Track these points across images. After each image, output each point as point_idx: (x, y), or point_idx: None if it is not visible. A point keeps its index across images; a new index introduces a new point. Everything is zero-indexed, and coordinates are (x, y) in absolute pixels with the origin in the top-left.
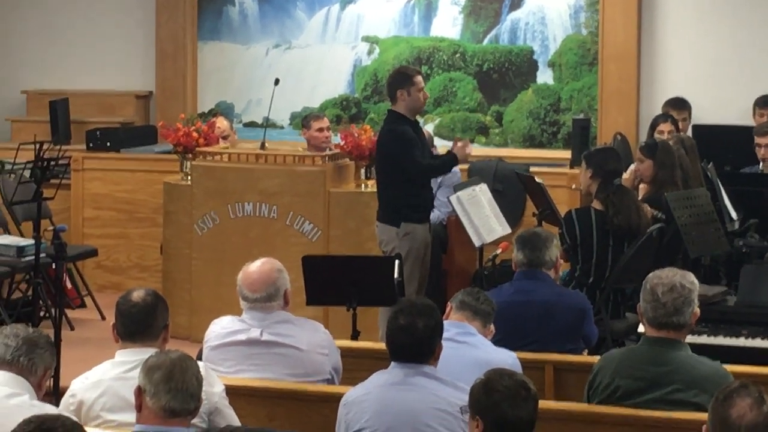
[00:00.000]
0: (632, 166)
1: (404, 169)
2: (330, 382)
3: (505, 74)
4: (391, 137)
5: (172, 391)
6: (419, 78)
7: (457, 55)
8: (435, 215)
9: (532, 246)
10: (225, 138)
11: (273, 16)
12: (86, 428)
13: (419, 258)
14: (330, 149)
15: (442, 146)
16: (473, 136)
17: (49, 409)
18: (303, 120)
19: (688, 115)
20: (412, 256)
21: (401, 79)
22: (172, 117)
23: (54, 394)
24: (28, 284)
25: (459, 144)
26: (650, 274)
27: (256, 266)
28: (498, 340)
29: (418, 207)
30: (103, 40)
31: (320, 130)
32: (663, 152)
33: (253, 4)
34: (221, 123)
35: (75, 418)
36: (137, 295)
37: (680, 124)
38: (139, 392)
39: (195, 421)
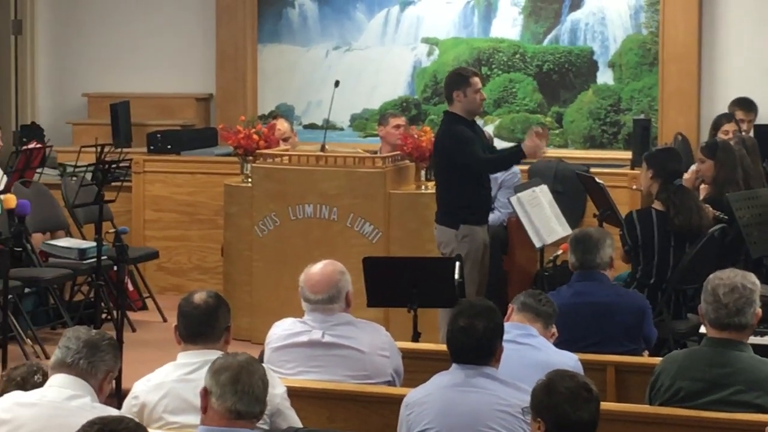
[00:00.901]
0: (693, 167)
1: (464, 166)
2: (391, 383)
3: (566, 75)
4: (448, 138)
5: (238, 393)
6: (476, 79)
7: (517, 56)
8: (495, 216)
9: (584, 248)
10: (285, 140)
11: (333, 17)
12: (149, 430)
13: (478, 260)
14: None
15: (501, 148)
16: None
17: (109, 411)
18: (380, 117)
19: (755, 116)
20: (471, 258)
21: (458, 80)
22: (232, 119)
23: (116, 396)
24: (90, 286)
25: (540, 130)
26: (711, 275)
27: (318, 268)
28: (559, 342)
29: (477, 208)
30: (164, 43)
31: (397, 126)
32: (724, 152)
33: (312, 6)
34: (282, 125)
35: (137, 420)
36: (199, 296)
37: (744, 125)
38: (205, 393)
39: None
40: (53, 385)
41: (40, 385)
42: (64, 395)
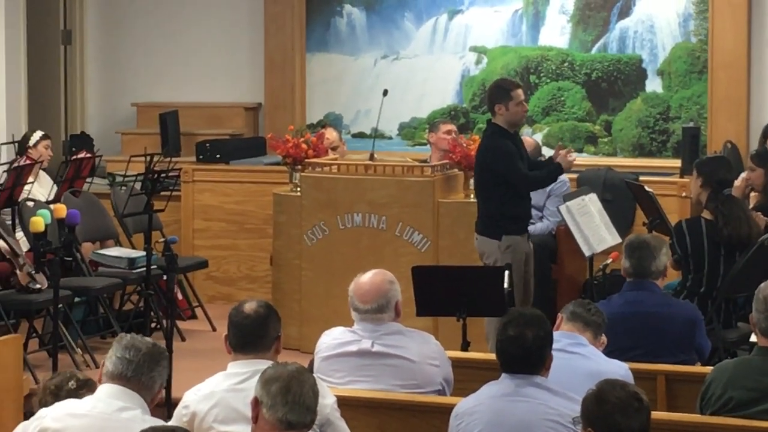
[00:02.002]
0: (743, 175)
1: (509, 182)
2: (441, 393)
3: (614, 83)
4: (491, 151)
5: (289, 403)
6: (518, 91)
7: (566, 64)
8: (545, 225)
9: (641, 255)
10: (334, 149)
11: (381, 26)
12: None
13: (521, 270)
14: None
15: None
16: (582, 146)
17: (159, 423)
18: (431, 124)
19: None
20: (514, 269)
21: (499, 93)
22: (280, 128)
23: (166, 406)
24: (139, 296)
25: (562, 152)
26: (762, 284)
27: (367, 277)
28: (609, 352)
29: (518, 218)
30: (212, 52)
31: (448, 132)
32: None
33: (360, 15)
34: (330, 134)
35: (189, 430)
36: (249, 306)
37: None
38: (256, 403)
39: None
40: (103, 395)
41: (75, 391)
42: (114, 407)
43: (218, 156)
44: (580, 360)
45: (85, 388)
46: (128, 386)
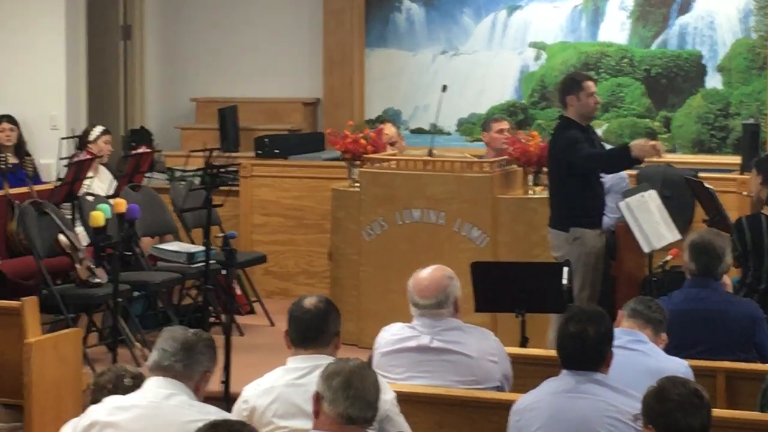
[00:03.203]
0: None
1: (572, 164)
2: (500, 389)
3: (674, 79)
4: (560, 142)
5: (350, 398)
6: (589, 83)
7: (625, 60)
8: (604, 221)
9: (708, 258)
10: (393, 144)
11: (440, 22)
12: None
13: (590, 264)
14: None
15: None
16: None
17: (208, 408)
18: (483, 123)
19: None
20: (582, 262)
21: (571, 84)
22: (339, 124)
23: (225, 400)
24: (198, 290)
25: (651, 142)
26: None
27: (427, 273)
28: (669, 349)
29: (588, 211)
30: (271, 48)
31: (500, 131)
32: None
33: (419, 10)
34: (389, 129)
35: (247, 422)
36: (309, 301)
37: None
38: (317, 398)
39: None
40: (150, 387)
41: (131, 387)
42: (161, 395)
43: (277, 151)
44: (641, 357)
45: (137, 382)
46: (168, 376)
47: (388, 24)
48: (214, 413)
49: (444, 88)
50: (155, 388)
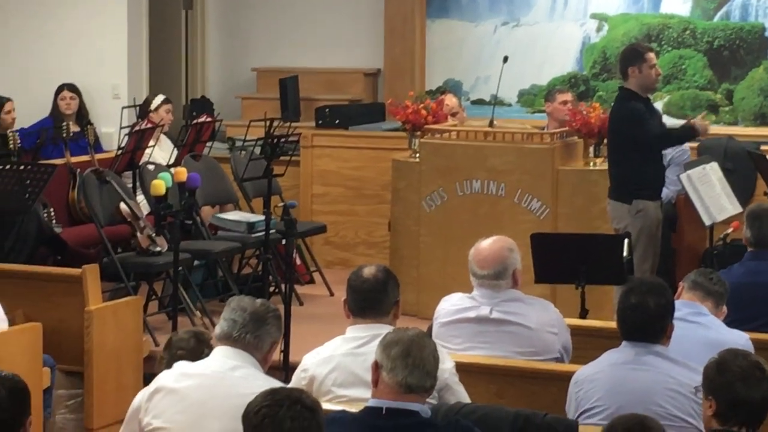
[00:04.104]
0: None
1: (637, 141)
2: (559, 360)
3: (736, 51)
4: (623, 114)
5: (409, 367)
6: (651, 55)
7: (687, 32)
8: (664, 193)
9: (762, 223)
10: (454, 115)
11: None
12: None
13: (652, 236)
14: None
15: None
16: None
17: (273, 382)
18: (547, 93)
19: None
20: (644, 234)
21: (633, 55)
22: (400, 94)
23: (284, 369)
24: (258, 260)
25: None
26: None
27: (487, 243)
28: (729, 322)
29: (650, 183)
30: (332, 18)
31: (564, 102)
32: None
33: None
34: (450, 100)
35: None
36: (368, 271)
37: None
38: (376, 367)
39: None
40: (217, 356)
41: (196, 349)
42: (227, 366)
43: (337, 121)
44: (701, 329)
45: (207, 345)
46: (237, 347)
47: None
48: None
49: (505, 59)
50: (222, 358)
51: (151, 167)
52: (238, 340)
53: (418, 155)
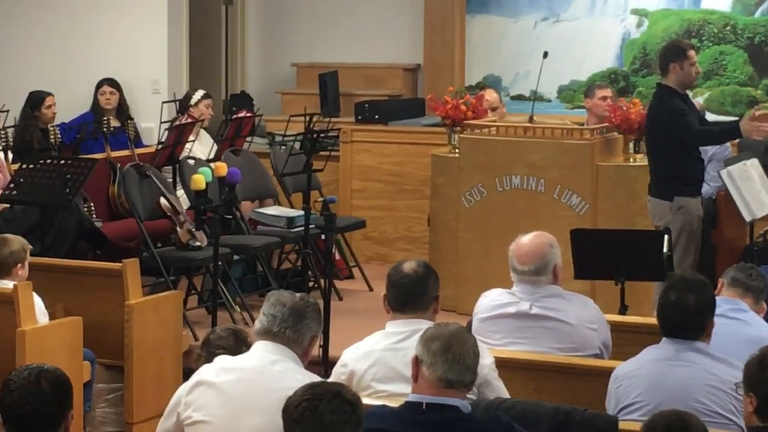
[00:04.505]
0: None
1: (680, 140)
2: (599, 356)
3: None
4: (663, 110)
5: (449, 362)
6: (693, 52)
7: (728, 28)
8: (704, 190)
9: None
10: (494, 110)
11: None
12: None
13: (693, 232)
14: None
15: (714, 121)
16: (743, 110)
17: (313, 376)
18: (586, 89)
19: None
20: (686, 231)
21: (676, 51)
22: (439, 90)
23: (323, 364)
24: (297, 255)
25: (757, 113)
26: None
27: (528, 239)
28: None
29: (690, 180)
30: (372, 13)
31: (603, 98)
32: None
33: None
34: (490, 95)
35: (346, 385)
36: (408, 266)
37: None
38: (416, 362)
39: None
40: (257, 350)
41: (235, 346)
42: (267, 360)
43: (377, 117)
44: (741, 326)
45: (245, 343)
46: (277, 341)
47: None
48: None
49: (545, 54)
50: (262, 352)
51: (191, 162)
52: (278, 335)
53: (457, 150)
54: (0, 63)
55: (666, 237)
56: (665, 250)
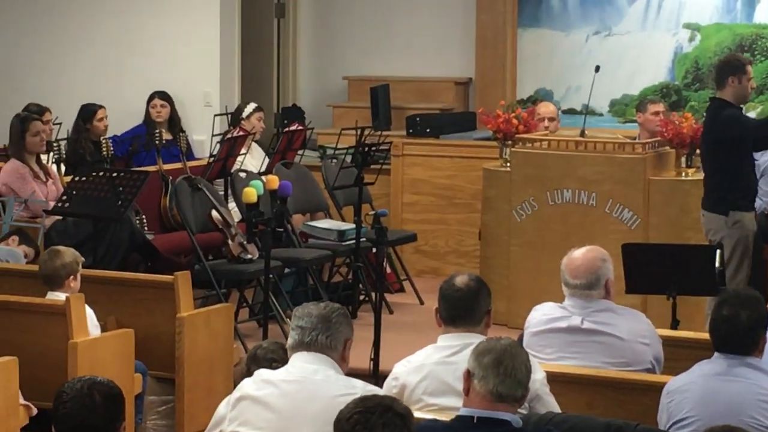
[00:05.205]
0: None
1: (739, 138)
2: (651, 371)
3: None
4: (719, 120)
5: (500, 375)
6: (750, 68)
7: None
8: (757, 204)
9: None
10: (552, 120)
11: (593, 2)
12: None
13: (749, 247)
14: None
15: None
16: None
17: (354, 382)
18: (638, 104)
19: None
20: (741, 245)
21: (735, 65)
22: (491, 103)
23: (373, 377)
24: (348, 268)
25: None
26: None
27: (580, 253)
28: None
29: (744, 194)
30: (424, 27)
31: (656, 113)
32: None
33: None
34: (547, 107)
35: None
36: (461, 280)
37: None
38: (468, 376)
39: None
40: (296, 362)
41: (277, 359)
42: (308, 370)
43: (428, 130)
44: None
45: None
46: (312, 350)
47: (542, 4)
48: (360, 387)
49: (597, 68)
50: (301, 363)
51: (242, 175)
52: (312, 344)
53: (509, 164)
54: (52, 76)
55: (718, 252)
56: (717, 264)
